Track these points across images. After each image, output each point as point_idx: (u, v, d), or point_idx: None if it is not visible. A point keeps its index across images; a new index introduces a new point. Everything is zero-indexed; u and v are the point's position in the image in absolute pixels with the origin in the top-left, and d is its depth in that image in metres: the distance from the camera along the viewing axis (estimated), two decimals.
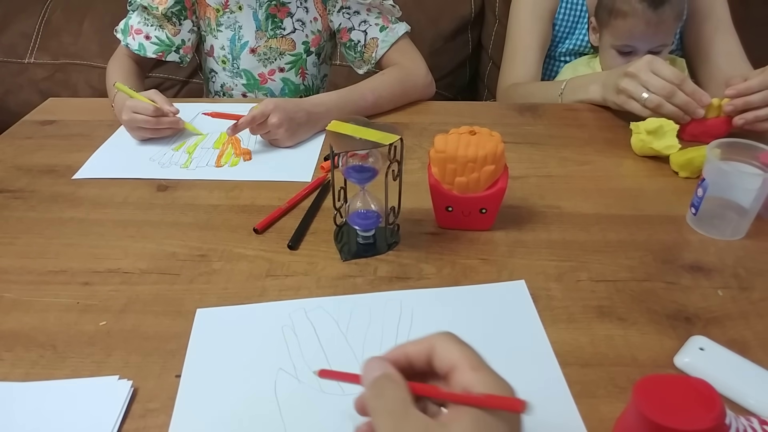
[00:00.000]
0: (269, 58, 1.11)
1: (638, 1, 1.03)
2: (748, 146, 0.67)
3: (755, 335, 0.55)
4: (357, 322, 0.58)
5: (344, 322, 0.58)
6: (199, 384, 0.52)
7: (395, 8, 1.07)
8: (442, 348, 0.36)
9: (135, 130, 0.92)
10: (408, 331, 0.56)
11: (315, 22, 1.10)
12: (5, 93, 1.64)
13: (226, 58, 1.12)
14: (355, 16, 1.06)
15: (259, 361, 0.54)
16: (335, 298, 0.60)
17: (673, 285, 0.62)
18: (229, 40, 1.09)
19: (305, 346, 0.55)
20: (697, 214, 0.70)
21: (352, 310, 0.59)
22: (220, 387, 0.51)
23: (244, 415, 0.49)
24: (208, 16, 1.08)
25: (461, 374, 0.34)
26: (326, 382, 0.50)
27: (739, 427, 0.41)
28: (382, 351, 0.49)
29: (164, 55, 1.07)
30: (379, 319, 0.58)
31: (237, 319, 0.58)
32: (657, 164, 0.84)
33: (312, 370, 0.49)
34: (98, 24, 1.63)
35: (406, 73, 1.05)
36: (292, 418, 0.49)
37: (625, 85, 0.88)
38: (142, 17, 1.06)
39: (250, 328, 0.57)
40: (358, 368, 0.45)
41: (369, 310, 0.59)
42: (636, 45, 1.07)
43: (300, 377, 0.52)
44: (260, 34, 1.08)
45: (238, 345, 0.55)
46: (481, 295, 0.61)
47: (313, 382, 0.51)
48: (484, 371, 0.34)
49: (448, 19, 1.58)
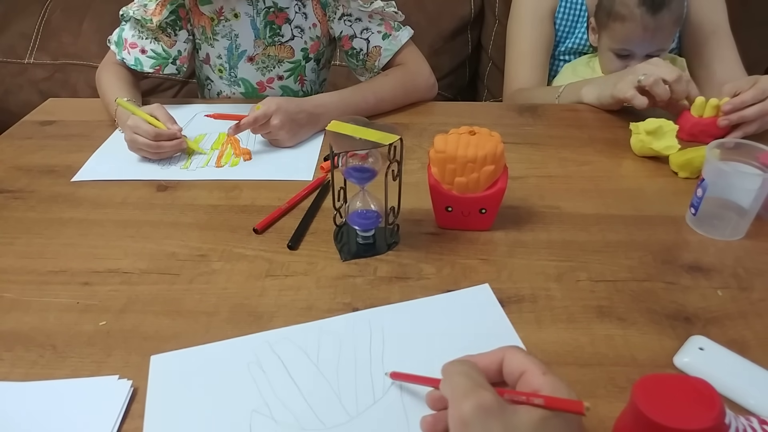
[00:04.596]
0: (268, 66, 1.10)
1: (636, 6, 1.03)
2: (748, 146, 0.67)
3: (755, 335, 0.55)
4: (327, 349, 0.55)
5: (313, 351, 0.54)
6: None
7: (398, 13, 1.05)
8: (513, 356, 0.40)
9: (137, 151, 0.88)
10: (381, 351, 0.54)
11: (314, 29, 1.08)
12: (5, 93, 1.64)
13: (223, 67, 1.10)
14: (357, 24, 1.04)
15: (229, 404, 0.50)
16: (300, 327, 0.57)
17: (672, 285, 0.62)
18: (226, 49, 1.07)
19: (276, 383, 0.51)
20: (696, 215, 0.70)
21: (320, 337, 0.56)
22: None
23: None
24: (203, 25, 1.06)
25: (532, 377, 0.37)
26: (306, 417, 0.48)
27: (739, 426, 0.41)
28: (357, 376, 0.52)
29: (161, 68, 1.05)
30: (350, 342, 0.55)
31: (197, 361, 0.54)
32: (657, 164, 0.84)
33: (286, 407, 0.49)
34: (98, 24, 1.63)
35: (409, 75, 1.04)
36: None
37: (621, 85, 0.91)
38: (136, 30, 1.03)
39: (212, 370, 0.53)
40: (336, 399, 0.50)
41: (338, 335, 0.56)
42: (633, 49, 1.08)
43: (276, 417, 0.48)
44: (258, 42, 1.06)
45: (203, 390, 0.51)
46: (449, 304, 0.60)
47: (291, 419, 0.48)
48: (551, 375, 0.37)
49: (448, 19, 1.58)
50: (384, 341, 0.55)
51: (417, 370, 0.48)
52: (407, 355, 0.54)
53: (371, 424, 0.48)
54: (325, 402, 0.49)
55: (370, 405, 0.49)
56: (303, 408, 0.49)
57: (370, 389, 0.50)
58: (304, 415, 0.48)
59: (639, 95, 0.88)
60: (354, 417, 0.48)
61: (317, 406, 0.49)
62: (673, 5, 1.03)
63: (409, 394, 0.50)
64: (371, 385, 0.51)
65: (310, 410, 0.49)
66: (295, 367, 0.53)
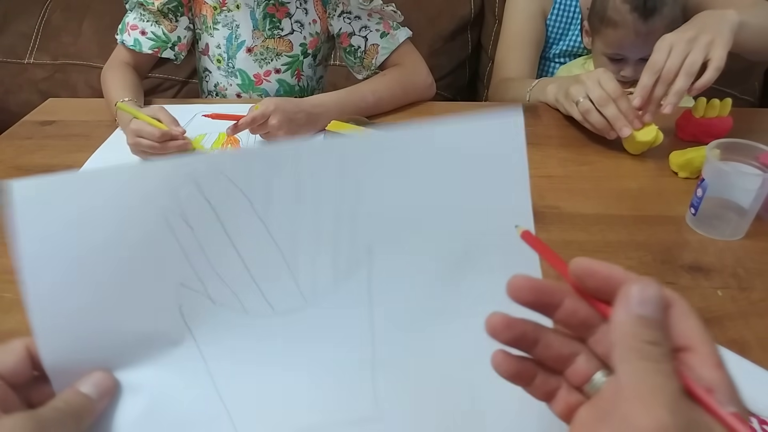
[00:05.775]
0: (266, 59, 1.11)
1: (628, 12, 1.03)
2: (748, 146, 0.67)
3: (755, 335, 0.55)
4: (280, 196, 0.36)
5: (259, 198, 0.36)
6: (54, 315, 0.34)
7: (397, 13, 1.06)
8: (685, 318, 0.26)
9: (140, 153, 0.87)
10: (353, 208, 0.36)
11: (314, 24, 1.09)
12: (5, 93, 1.64)
13: (222, 57, 1.11)
14: (356, 21, 1.06)
15: (145, 274, 0.34)
16: (241, 156, 0.36)
17: (672, 285, 0.62)
18: (226, 39, 1.09)
19: (210, 246, 0.35)
20: (696, 215, 0.70)
21: (268, 175, 0.36)
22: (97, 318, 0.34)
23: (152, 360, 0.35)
24: (204, 14, 1.08)
25: (701, 365, 0.25)
26: (251, 299, 0.36)
27: None
28: (320, 242, 0.36)
29: (160, 51, 1.07)
30: (314, 189, 0.36)
31: (90, 199, 0.34)
32: (657, 164, 0.84)
33: (225, 283, 0.36)
34: (98, 24, 1.63)
35: (407, 75, 1.05)
36: (215, 352, 0.36)
37: (572, 89, 0.89)
38: (138, 13, 1.06)
39: (113, 216, 0.34)
40: (288, 276, 0.36)
41: (294, 174, 0.36)
42: (626, 54, 1.08)
43: (212, 295, 0.36)
44: (257, 33, 1.08)
45: (104, 245, 0.34)
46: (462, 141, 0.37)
47: (232, 300, 0.36)
48: (725, 371, 0.26)
49: (448, 19, 1.58)
50: (358, 192, 0.37)
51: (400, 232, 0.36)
52: (390, 217, 0.37)
53: (330, 314, 0.37)
54: (274, 279, 0.36)
55: (330, 287, 0.37)
56: (247, 286, 0.36)
57: (332, 265, 0.37)
58: (248, 295, 0.36)
59: (592, 112, 0.85)
60: (309, 301, 0.37)
61: (265, 283, 0.36)
62: (665, 10, 1.03)
63: (383, 276, 0.37)
64: (334, 259, 0.37)
65: (256, 289, 0.36)
66: (233, 224, 0.36)
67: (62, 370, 0.34)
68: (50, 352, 0.34)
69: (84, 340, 0.34)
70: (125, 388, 0.35)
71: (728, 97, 0.89)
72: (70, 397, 0.32)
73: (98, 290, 0.34)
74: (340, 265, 0.37)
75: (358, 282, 0.37)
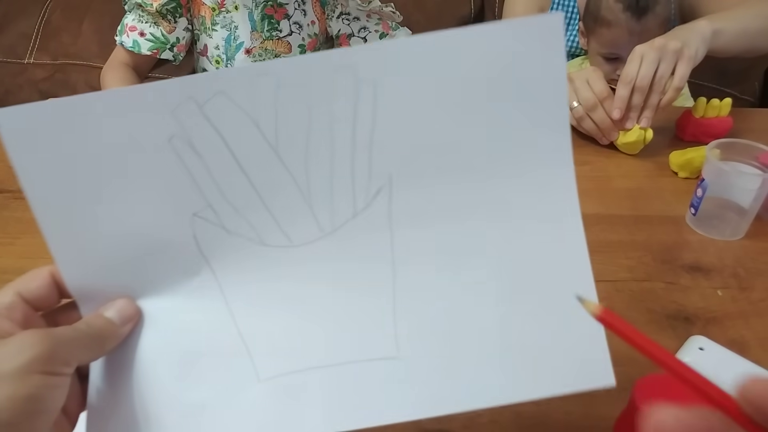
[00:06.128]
0: (264, 60, 1.11)
1: (621, 11, 1.03)
2: (748, 146, 0.67)
3: (755, 335, 0.55)
4: (288, 119, 0.33)
5: (268, 120, 0.33)
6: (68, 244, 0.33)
7: (395, 14, 1.06)
8: None
9: None
10: (371, 129, 0.34)
11: (312, 26, 1.09)
12: (5, 93, 1.64)
13: (220, 58, 1.11)
14: (355, 22, 1.06)
15: (157, 203, 0.34)
16: (240, 74, 0.33)
17: (672, 285, 0.62)
18: (225, 40, 1.09)
19: (219, 174, 0.34)
20: (696, 215, 0.70)
21: (277, 95, 0.33)
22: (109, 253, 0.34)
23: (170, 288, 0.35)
24: (203, 15, 1.07)
25: None
26: (266, 229, 0.35)
27: None
28: (334, 170, 0.34)
29: (159, 52, 1.07)
30: (324, 109, 0.33)
31: (88, 123, 0.33)
32: (657, 164, 0.84)
33: (239, 213, 0.34)
34: (98, 24, 1.63)
35: None
36: (232, 282, 0.35)
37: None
38: (137, 15, 1.06)
39: (114, 140, 0.33)
40: (304, 205, 0.34)
41: (305, 93, 0.33)
42: (621, 53, 1.08)
43: (227, 225, 0.34)
44: (255, 35, 1.07)
45: (108, 170, 0.33)
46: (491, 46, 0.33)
47: (247, 229, 0.35)
48: None
49: (448, 19, 1.58)
50: (376, 111, 0.33)
51: (423, 157, 0.34)
52: (413, 139, 0.34)
53: (349, 245, 0.35)
54: (289, 209, 0.35)
55: (349, 218, 0.35)
56: (261, 215, 0.35)
57: (351, 194, 0.35)
58: (263, 226, 0.35)
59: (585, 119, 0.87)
60: (327, 233, 0.35)
61: (280, 213, 0.35)
62: (657, 8, 1.03)
63: (404, 205, 0.35)
64: (352, 188, 0.35)
65: (271, 219, 0.35)
66: (242, 151, 0.34)
67: (87, 296, 0.35)
68: (73, 278, 0.34)
69: (104, 268, 0.34)
70: (146, 317, 0.35)
71: (728, 97, 0.89)
72: (92, 320, 0.33)
73: (109, 217, 0.34)
74: (359, 194, 0.35)
75: (377, 211, 0.35)
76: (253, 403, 0.35)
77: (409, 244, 0.35)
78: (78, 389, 0.34)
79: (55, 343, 0.29)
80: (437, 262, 0.35)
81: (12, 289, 0.33)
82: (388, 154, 0.34)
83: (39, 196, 0.33)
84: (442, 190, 0.35)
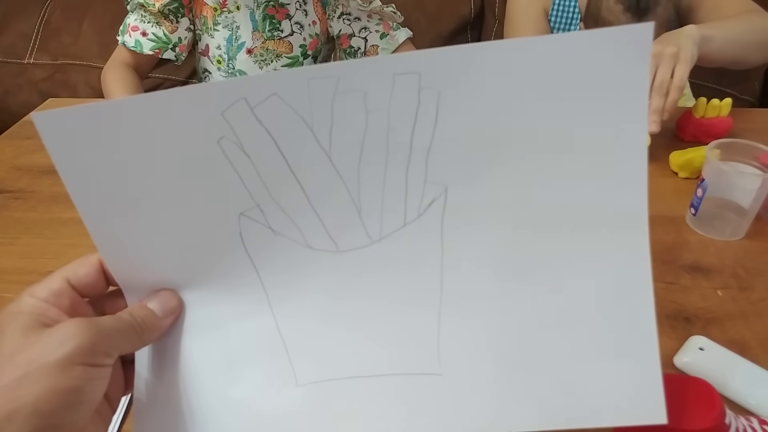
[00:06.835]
0: (265, 60, 1.11)
1: (622, 12, 1.03)
2: (748, 146, 0.67)
3: (755, 335, 0.55)
4: (343, 122, 0.32)
5: (322, 124, 0.32)
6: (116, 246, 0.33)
7: (396, 14, 1.06)
8: None
9: None
10: (430, 138, 0.32)
11: (313, 26, 1.10)
12: (5, 93, 1.64)
13: (222, 58, 1.11)
14: (356, 23, 1.06)
15: (203, 202, 0.33)
16: (295, 76, 0.31)
17: (672, 285, 0.62)
18: (226, 40, 1.09)
19: (268, 175, 0.33)
20: (696, 215, 0.70)
21: (334, 99, 0.32)
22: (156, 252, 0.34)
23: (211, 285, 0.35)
24: (205, 15, 1.08)
25: None
26: (313, 232, 0.34)
27: (739, 426, 0.41)
28: (387, 178, 0.33)
29: (161, 52, 1.07)
30: (382, 114, 0.32)
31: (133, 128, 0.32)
32: (657, 164, 0.84)
33: (287, 214, 0.34)
34: (98, 24, 1.63)
35: None
36: (276, 283, 0.35)
37: None
38: (139, 14, 1.06)
39: (164, 142, 0.32)
40: (353, 211, 0.33)
41: (363, 98, 0.32)
42: None
43: (273, 225, 0.34)
44: (257, 35, 1.08)
45: (155, 170, 0.33)
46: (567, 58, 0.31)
47: (294, 232, 0.34)
48: None
49: (448, 19, 1.58)
50: (437, 120, 0.32)
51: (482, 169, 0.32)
52: (473, 152, 0.32)
53: (397, 257, 0.34)
54: (338, 213, 0.34)
55: (398, 227, 0.34)
56: (309, 218, 0.34)
57: (402, 202, 0.34)
58: (310, 229, 0.34)
59: None
60: (375, 241, 0.34)
61: (328, 218, 0.34)
62: (658, 10, 1.03)
63: (458, 219, 0.34)
64: (404, 196, 0.34)
65: (318, 222, 0.34)
66: (293, 152, 0.33)
67: (133, 286, 0.35)
68: (118, 270, 0.34)
69: (148, 261, 0.34)
70: (189, 311, 0.35)
71: (728, 97, 0.88)
72: (136, 311, 0.33)
73: (154, 214, 0.33)
74: (411, 204, 0.34)
75: (429, 223, 0.34)
76: (289, 407, 0.35)
77: (460, 260, 0.34)
78: (120, 375, 0.35)
79: (98, 334, 0.29)
80: (487, 278, 0.34)
81: (61, 275, 0.33)
82: (445, 166, 0.33)
83: (81, 194, 0.33)
84: (500, 208, 0.33)
